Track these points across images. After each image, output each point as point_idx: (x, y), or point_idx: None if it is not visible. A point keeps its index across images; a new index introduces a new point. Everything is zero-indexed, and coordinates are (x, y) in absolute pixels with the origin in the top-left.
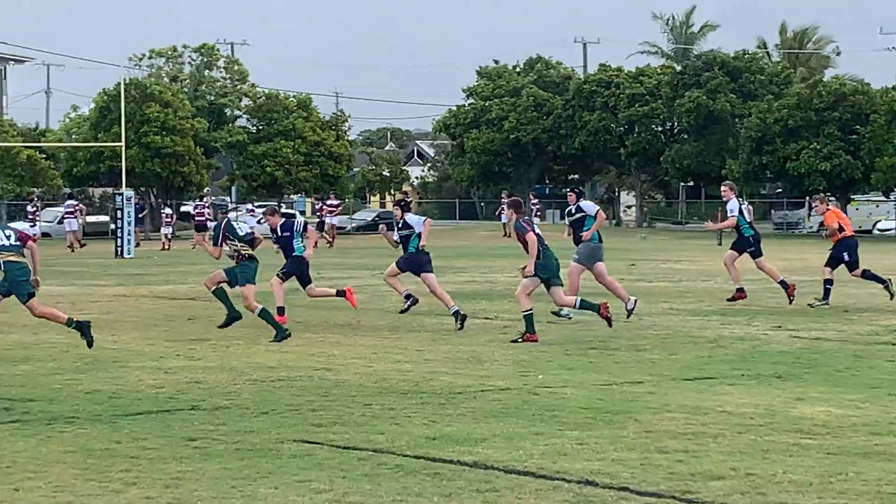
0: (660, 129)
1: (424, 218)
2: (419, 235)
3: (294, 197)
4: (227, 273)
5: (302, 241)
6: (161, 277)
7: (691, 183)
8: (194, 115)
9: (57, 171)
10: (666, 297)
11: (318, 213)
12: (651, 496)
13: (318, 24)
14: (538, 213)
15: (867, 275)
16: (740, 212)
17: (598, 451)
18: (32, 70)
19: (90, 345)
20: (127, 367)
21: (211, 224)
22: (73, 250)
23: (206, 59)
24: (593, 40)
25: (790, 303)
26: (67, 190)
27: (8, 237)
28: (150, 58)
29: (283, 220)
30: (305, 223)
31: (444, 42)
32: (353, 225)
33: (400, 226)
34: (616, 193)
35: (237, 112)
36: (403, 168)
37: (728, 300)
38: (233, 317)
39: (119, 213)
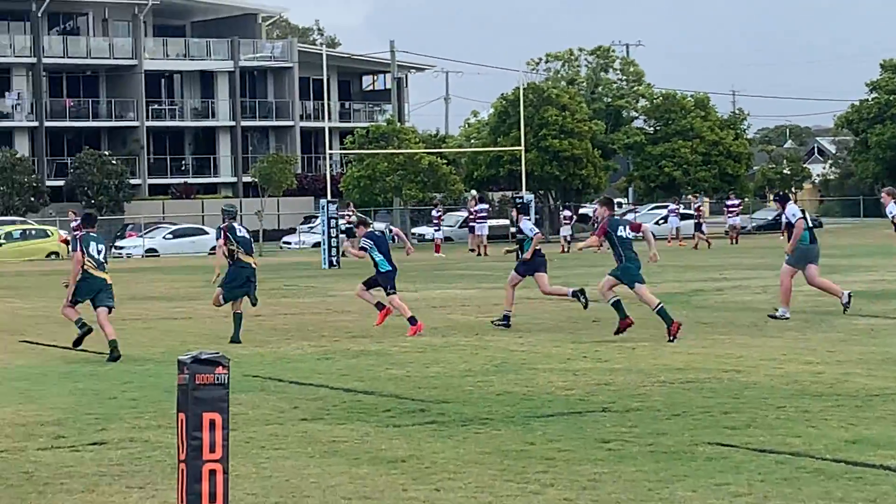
0: None
1: (536, 231)
2: (531, 241)
3: (691, 197)
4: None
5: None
6: (561, 279)
7: None
8: (591, 118)
9: (458, 175)
10: None
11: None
12: None
13: (713, 22)
14: None
15: None
16: None
17: None
18: (432, 78)
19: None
20: (535, 369)
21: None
22: (478, 254)
23: (601, 62)
24: None
25: None
26: (471, 193)
27: (100, 252)
28: (547, 62)
29: (370, 230)
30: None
31: (845, 36)
32: (753, 224)
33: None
34: None
35: (634, 113)
36: (804, 166)
37: None
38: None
39: None
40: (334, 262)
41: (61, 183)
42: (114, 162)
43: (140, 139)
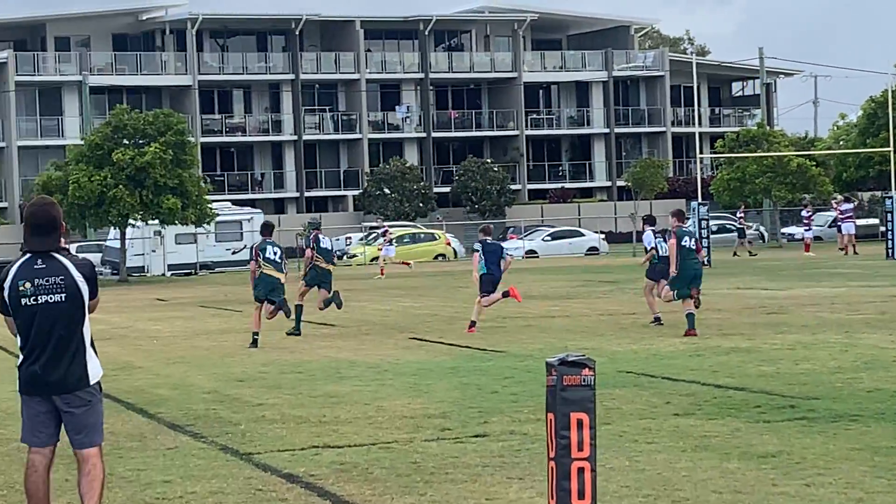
0: None
1: (653, 244)
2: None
3: None
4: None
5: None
6: None
7: None
8: None
9: (826, 177)
10: None
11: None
12: None
13: None
14: None
15: None
16: None
17: None
18: (800, 82)
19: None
20: None
21: None
22: (846, 252)
23: None
24: None
25: None
26: (836, 197)
27: (275, 254)
28: None
29: (488, 240)
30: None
31: None
32: None
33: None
34: None
35: None
36: None
37: None
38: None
39: (889, 215)
40: (706, 262)
41: (447, 190)
42: (495, 169)
43: (520, 147)
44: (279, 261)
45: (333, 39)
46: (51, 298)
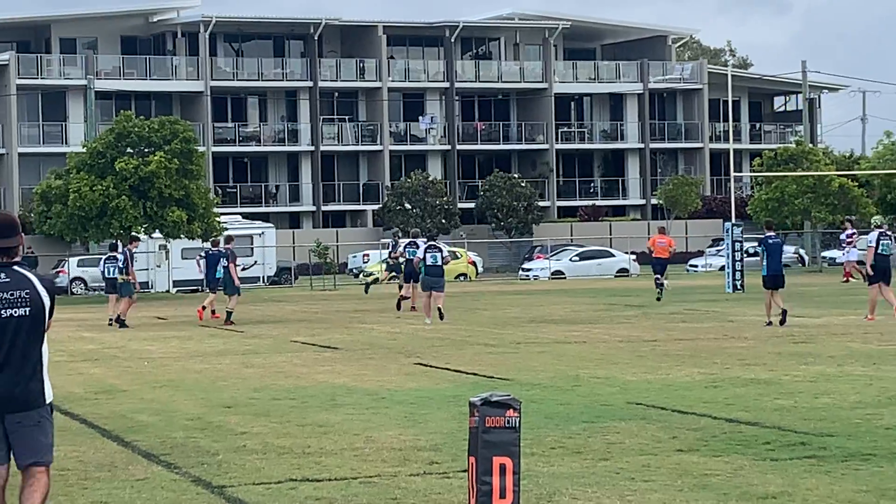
0: None
1: None
2: None
3: None
4: None
5: None
6: None
7: None
8: None
9: (870, 198)
10: None
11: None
12: None
13: None
14: None
15: None
16: None
17: None
18: (847, 98)
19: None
20: None
21: None
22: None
23: None
24: None
25: None
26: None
27: (117, 262)
28: None
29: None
30: None
31: None
32: None
33: None
34: None
35: None
36: None
37: None
38: None
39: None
40: (738, 287)
41: (471, 205)
42: (523, 184)
43: (549, 162)
44: (122, 267)
45: (354, 45)
46: (15, 312)
